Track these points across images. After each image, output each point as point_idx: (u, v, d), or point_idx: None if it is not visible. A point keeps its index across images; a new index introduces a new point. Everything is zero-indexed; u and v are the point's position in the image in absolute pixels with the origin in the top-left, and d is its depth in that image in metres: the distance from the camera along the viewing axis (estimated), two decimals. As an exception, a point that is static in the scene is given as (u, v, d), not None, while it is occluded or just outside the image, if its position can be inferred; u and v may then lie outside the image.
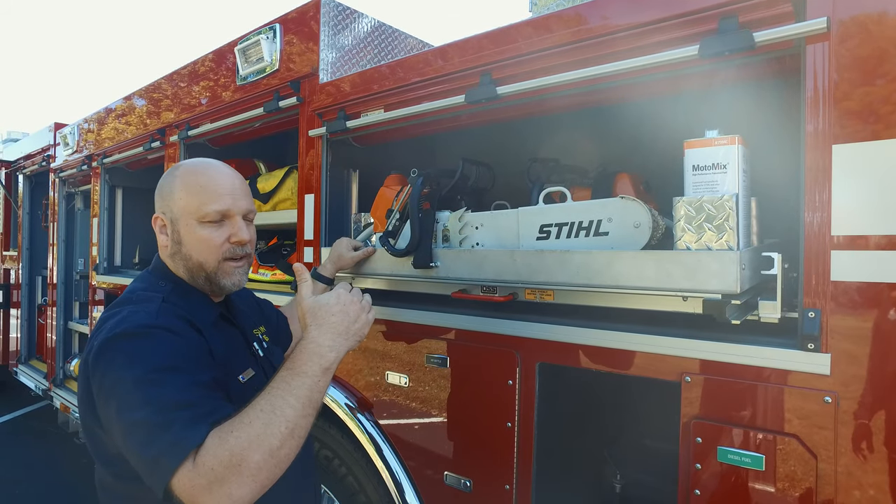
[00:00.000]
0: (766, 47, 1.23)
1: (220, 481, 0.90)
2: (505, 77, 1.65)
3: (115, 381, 1.00)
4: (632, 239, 1.37)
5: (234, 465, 0.91)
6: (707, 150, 1.26)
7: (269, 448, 0.93)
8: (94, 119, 4.08)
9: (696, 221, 1.22)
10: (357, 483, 2.06)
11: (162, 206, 1.26)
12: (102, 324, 1.11)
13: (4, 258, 5.95)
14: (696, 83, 1.44)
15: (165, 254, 1.28)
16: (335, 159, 2.32)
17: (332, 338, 1.10)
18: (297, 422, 0.98)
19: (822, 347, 1.16)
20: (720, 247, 1.21)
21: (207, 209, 1.22)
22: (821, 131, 1.17)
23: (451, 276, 1.67)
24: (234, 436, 0.93)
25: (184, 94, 3.08)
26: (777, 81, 1.38)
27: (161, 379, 0.99)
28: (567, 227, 1.48)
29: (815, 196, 1.17)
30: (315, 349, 1.07)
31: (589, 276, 1.37)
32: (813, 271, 1.18)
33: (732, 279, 1.15)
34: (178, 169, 1.28)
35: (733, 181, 1.23)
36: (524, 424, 1.61)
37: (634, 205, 1.38)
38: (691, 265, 1.21)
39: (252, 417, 0.96)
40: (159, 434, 0.93)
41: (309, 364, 1.04)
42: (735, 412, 1.25)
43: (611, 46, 1.43)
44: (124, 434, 0.98)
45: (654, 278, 1.26)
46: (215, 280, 1.25)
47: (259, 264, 2.84)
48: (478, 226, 1.68)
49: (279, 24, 2.46)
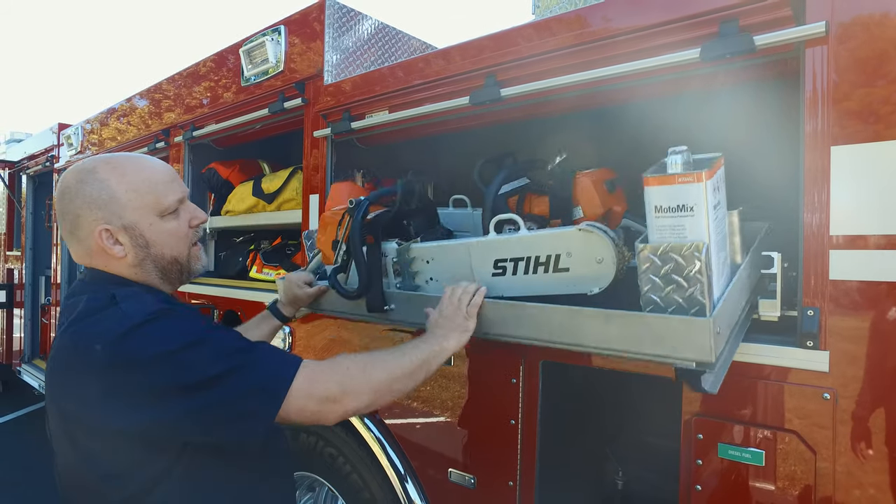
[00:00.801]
0: (766, 51, 1.25)
1: (351, 379, 1.12)
2: (509, 79, 1.67)
3: (165, 355, 0.99)
4: (596, 275, 1.23)
5: (366, 374, 1.14)
6: (669, 189, 1.07)
7: (390, 374, 1.18)
8: (98, 120, 4.10)
9: (662, 272, 1.08)
10: (361, 480, 2.08)
11: (103, 216, 1.12)
12: (84, 330, 1.04)
13: (8, 258, 5.98)
14: (697, 85, 1.46)
15: (124, 264, 1.16)
16: (339, 160, 2.35)
17: (443, 331, 1.32)
18: (414, 368, 1.22)
19: (821, 345, 1.18)
20: (690, 301, 1.06)
21: (167, 201, 1.17)
22: (819, 133, 1.19)
23: (409, 319, 1.54)
24: (369, 356, 1.21)
25: (188, 96, 3.10)
26: (776, 83, 1.40)
27: (214, 336, 1.04)
28: (523, 262, 1.34)
29: (813, 196, 1.19)
30: (434, 334, 1.32)
31: (549, 332, 1.24)
32: (812, 270, 1.20)
33: (705, 348, 1.01)
34: (95, 172, 1.13)
35: (702, 225, 1.05)
36: (527, 422, 1.63)
37: (594, 238, 1.22)
38: (660, 330, 1.06)
39: (385, 352, 1.23)
40: (253, 369, 1.04)
41: (431, 341, 1.29)
42: (736, 409, 1.28)
43: (613, 49, 1.45)
44: (206, 391, 0.99)
45: (619, 340, 1.12)
46: (188, 269, 1.25)
47: (263, 264, 2.86)
48: (428, 260, 1.53)
49: (284, 26, 2.49)
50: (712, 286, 1.07)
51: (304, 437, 2.32)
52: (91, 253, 1.16)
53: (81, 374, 1.02)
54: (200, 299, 2.90)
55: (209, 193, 3.22)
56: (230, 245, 3.22)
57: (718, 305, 1.07)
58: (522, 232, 1.35)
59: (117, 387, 0.99)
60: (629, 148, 1.81)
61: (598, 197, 1.42)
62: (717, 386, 1.09)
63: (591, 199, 1.42)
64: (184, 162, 3.12)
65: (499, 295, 1.39)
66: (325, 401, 1.09)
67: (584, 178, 1.44)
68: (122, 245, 1.14)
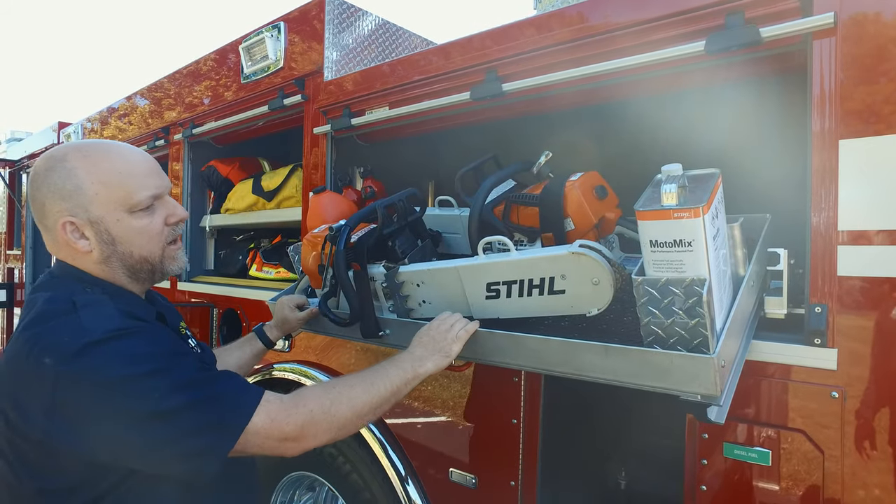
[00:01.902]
0: (773, 43, 1.23)
1: (313, 424, 1.07)
2: (510, 74, 1.65)
3: (120, 381, 0.93)
4: (593, 297, 1.18)
5: (331, 414, 1.09)
6: (665, 224, 1.00)
7: (358, 411, 1.13)
8: (98, 118, 4.09)
9: (662, 304, 1.03)
10: (362, 480, 2.06)
11: (68, 207, 1.05)
12: (38, 338, 0.97)
13: (8, 257, 5.97)
14: (700, 80, 1.44)
15: (90, 260, 1.09)
16: (340, 157, 2.33)
17: (424, 351, 1.27)
18: (381, 401, 1.17)
19: (829, 342, 1.16)
20: (693, 333, 1.01)
21: (139, 197, 1.09)
22: (827, 126, 1.17)
23: (405, 343, 1.43)
24: (336, 391, 1.13)
25: (188, 93, 3.08)
26: (783, 77, 1.38)
27: (177, 363, 0.99)
28: (517, 285, 1.28)
29: (821, 191, 1.17)
30: (412, 354, 1.27)
31: (549, 362, 1.21)
32: (819, 267, 1.18)
33: (710, 383, 0.98)
34: (65, 160, 1.06)
35: (701, 260, 1.00)
36: (529, 421, 1.61)
37: (588, 261, 1.16)
38: (663, 366, 1.03)
39: (355, 383, 1.16)
40: (211, 403, 1.00)
41: (406, 363, 1.24)
42: (742, 408, 1.25)
43: (617, 43, 1.43)
44: (160, 423, 0.94)
45: (620, 372, 1.10)
46: (161, 269, 1.17)
47: (263, 262, 2.85)
48: (419, 283, 1.47)
49: (283, 23, 2.47)
50: (715, 319, 1.04)
51: (303, 436, 2.30)
52: (57, 244, 1.10)
53: (28, 384, 0.96)
54: (200, 297, 2.89)
55: (209, 191, 3.20)
56: (230, 243, 3.20)
57: (722, 337, 1.04)
58: (512, 254, 1.28)
59: (64, 405, 0.92)
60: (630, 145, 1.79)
61: (588, 207, 1.37)
62: (723, 416, 1.05)
63: (581, 211, 1.37)
64: (183, 160, 3.10)
65: (495, 317, 1.36)
66: (284, 440, 1.05)
67: (572, 188, 1.37)
68: (88, 240, 1.07)
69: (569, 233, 1.41)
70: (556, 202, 1.40)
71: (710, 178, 1.08)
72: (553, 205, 1.40)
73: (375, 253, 1.59)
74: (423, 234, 1.75)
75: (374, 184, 2.27)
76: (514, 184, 1.66)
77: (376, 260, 1.58)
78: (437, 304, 1.48)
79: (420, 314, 1.53)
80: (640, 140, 1.75)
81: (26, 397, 0.96)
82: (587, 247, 1.21)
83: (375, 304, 1.57)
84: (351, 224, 1.53)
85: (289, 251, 1.95)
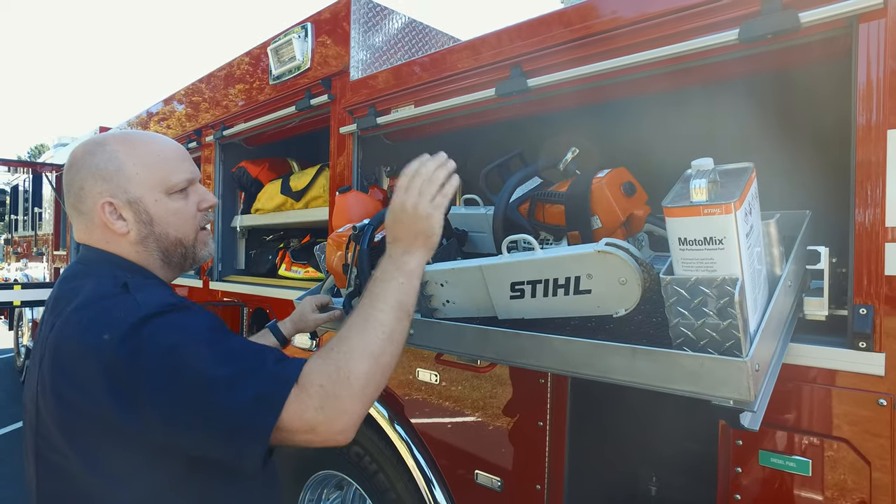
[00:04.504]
0: (813, 28, 1.16)
1: (332, 398, 0.92)
2: (535, 69, 1.62)
3: (170, 349, 0.92)
4: (620, 297, 1.14)
5: (343, 379, 0.94)
6: (694, 220, 0.95)
7: (371, 355, 0.97)
8: (136, 122, 4.21)
9: (692, 305, 0.98)
10: (388, 480, 2.06)
11: (108, 188, 1.07)
12: (96, 316, 0.97)
13: (55, 258, 6.23)
14: (735, 71, 1.37)
15: (127, 241, 1.11)
16: (366, 156, 2.33)
17: (402, 246, 1.11)
18: (392, 326, 1.02)
19: (876, 346, 1.09)
20: (724, 335, 0.96)
21: (176, 179, 1.12)
22: (874, 116, 1.10)
23: (429, 344, 1.48)
24: (335, 351, 0.97)
25: (219, 96, 3.14)
26: (823, 65, 1.30)
27: (225, 336, 0.98)
28: (541, 284, 1.24)
29: (867, 186, 1.10)
30: (391, 257, 1.11)
31: (574, 363, 1.17)
32: (865, 266, 1.11)
33: (743, 388, 0.93)
34: (105, 145, 1.09)
35: (734, 258, 0.95)
36: (556, 424, 1.57)
37: (615, 260, 1.11)
38: (693, 370, 0.98)
39: (349, 331, 1.00)
40: (253, 377, 0.93)
41: (390, 271, 1.08)
42: (779, 414, 1.19)
43: (645, 34, 1.38)
44: (202, 393, 0.91)
45: (649, 375, 1.04)
46: (193, 253, 1.18)
47: (292, 262, 2.88)
48: (442, 283, 1.43)
49: (311, 24, 2.49)
50: (748, 321, 0.98)
51: (331, 434, 2.31)
52: (92, 228, 1.10)
53: (87, 360, 0.94)
54: (231, 297, 2.94)
55: (240, 192, 3.26)
56: (261, 243, 3.25)
57: (756, 340, 0.98)
58: (536, 253, 1.24)
59: (124, 380, 0.92)
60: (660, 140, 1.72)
61: (615, 204, 1.31)
62: (758, 422, 0.99)
63: (608, 208, 1.32)
64: (215, 161, 3.17)
65: (520, 317, 1.32)
66: (307, 432, 0.93)
67: (599, 186, 1.32)
68: (126, 221, 1.09)
69: (596, 231, 1.37)
70: (583, 200, 1.36)
71: (744, 172, 1.02)
72: (579, 202, 1.36)
73: None
74: (447, 232, 1.74)
75: (400, 183, 2.26)
76: (540, 181, 1.63)
77: None
78: (461, 304, 1.46)
79: (444, 314, 1.51)
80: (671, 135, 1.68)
81: (85, 375, 0.95)
82: (614, 245, 1.16)
83: None
84: (375, 223, 1.52)
85: (315, 250, 1.96)
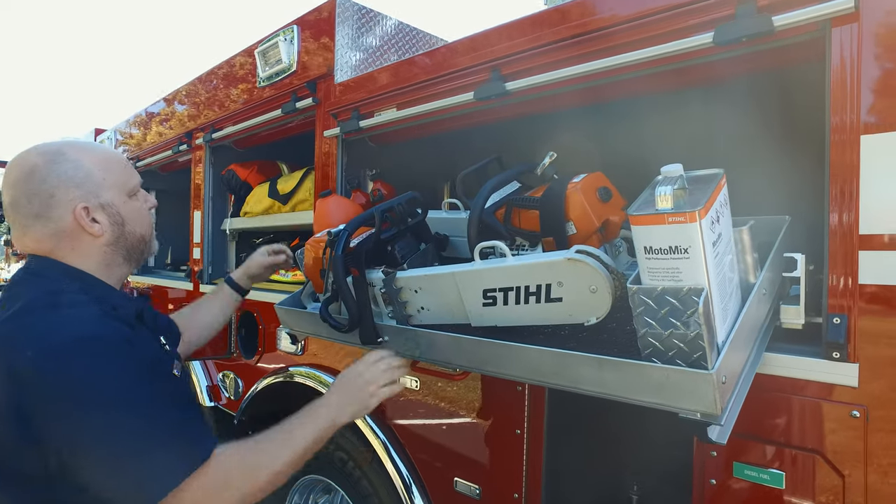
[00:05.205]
0: (787, 32, 1.14)
1: (232, 488, 1.06)
2: (514, 72, 1.60)
3: (87, 392, 0.96)
4: (591, 306, 1.13)
5: (251, 478, 1.09)
6: (659, 229, 0.94)
7: (275, 471, 1.12)
8: (131, 124, 4.21)
9: (659, 315, 0.97)
10: (371, 486, 2.04)
11: (80, 194, 1.12)
12: (24, 330, 1.01)
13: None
14: (709, 75, 1.35)
15: (99, 243, 1.16)
16: (351, 160, 2.31)
17: (341, 399, 1.29)
18: (300, 456, 1.16)
19: (850, 356, 1.07)
20: (692, 346, 0.94)
21: (133, 181, 1.24)
22: (848, 120, 1.07)
23: (404, 351, 1.47)
24: (252, 454, 1.12)
25: (208, 98, 3.14)
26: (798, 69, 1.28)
27: (143, 393, 1.01)
28: (513, 291, 1.23)
29: (840, 191, 1.08)
30: (327, 404, 1.27)
31: (543, 373, 1.16)
32: (838, 273, 1.08)
33: (709, 401, 0.92)
34: (65, 154, 1.13)
35: (699, 268, 0.93)
36: (533, 431, 1.55)
37: (585, 268, 1.10)
38: (659, 381, 0.96)
39: (269, 444, 1.15)
40: (160, 447, 1.00)
41: (323, 417, 1.23)
42: (753, 425, 1.17)
43: (620, 38, 1.36)
44: (107, 449, 0.96)
45: (616, 386, 1.04)
46: (150, 248, 1.30)
47: (280, 265, 2.86)
48: (416, 289, 1.43)
49: (297, 26, 2.47)
50: (714, 331, 0.96)
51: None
52: (59, 234, 1.12)
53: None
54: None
55: (229, 195, 3.24)
56: (251, 246, 3.24)
57: (724, 351, 0.95)
58: (507, 260, 1.24)
59: (16, 399, 0.96)
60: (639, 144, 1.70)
61: (590, 210, 1.30)
62: (725, 435, 0.97)
63: (583, 214, 1.30)
64: (205, 164, 3.16)
65: (493, 325, 1.30)
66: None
67: (574, 191, 1.31)
68: (100, 223, 1.15)
69: (570, 237, 1.34)
70: (557, 205, 1.34)
71: (712, 179, 1.00)
72: (554, 208, 1.34)
73: (375, 258, 1.56)
74: (426, 237, 1.72)
75: (383, 186, 2.24)
76: (518, 185, 1.61)
77: (376, 265, 1.55)
78: (435, 311, 1.44)
79: (419, 321, 1.49)
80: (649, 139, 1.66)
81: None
82: (584, 252, 1.15)
83: (375, 310, 1.54)
84: (350, 229, 1.51)
85: (296, 255, 1.95)
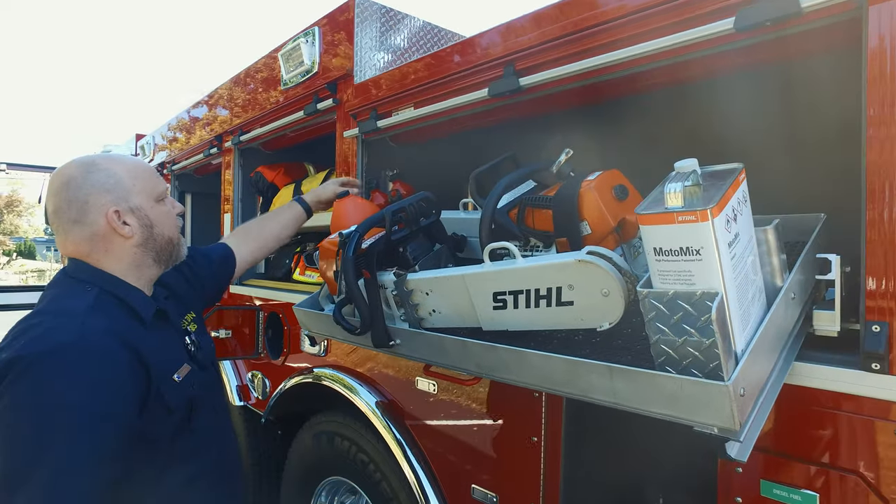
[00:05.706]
0: (816, 13, 1.04)
1: None
2: (528, 67, 1.54)
3: (14, 407, 1.03)
4: (603, 310, 1.07)
5: None
6: (669, 229, 0.88)
7: None
8: (167, 129, 4.34)
9: (672, 321, 0.90)
10: (391, 489, 2.03)
11: (111, 199, 1.22)
12: (16, 329, 1.11)
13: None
14: (731, 64, 1.26)
15: (130, 244, 1.25)
16: (371, 160, 2.30)
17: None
18: None
19: (892, 369, 0.97)
20: (708, 354, 0.87)
21: (161, 187, 1.33)
22: (887, 109, 0.97)
23: (415, 354, 1.45)
24: None
25: (237, 101, 3.19)
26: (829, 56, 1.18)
27: (62, 422, 1.03)
28: (523, 295, 1.19)
29: (881, 186, 0.98)
30: None
31: (553, 381, 1.11)
32: (879, 276, 0.98)
33: (726, 415, 0.85)
34: (97, 164, 1.24)
35: (713, 270, 0.86)
36: (551, 439, 1.49)
37: (597, 270, 1.05)
38: (672, 392, 0.89)
39: None
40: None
41: None
42: (782, 440, 1.08)
43: (635, 28, 1.28)
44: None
45: (627, 396, 0.97)
46: (177, 252, 1.37)
47: (306, 266, 2.88)
48: (427, 291, 1.40)
49: (318, 28, 2.47)
50: (731, 338, 0.88)
51: (338, 441, 2.30)
52: (94, 237, 1.23)
53: None
54: (248, 301, 2.97)
55: (258, 196, 3.29)
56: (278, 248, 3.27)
57: (743, 360, 0.88)
58: (517, 262, 1.19)
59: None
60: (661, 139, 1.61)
61: (605, 209, 1.24)
62: (746, 453, 0.90)
63: (598, 214, 1.25)
64: (234, 166, 3.21)
65: (503, 329, 1.26)
66: None
67: (588, 189, 1.25)
68: (130, 225, 1.25)
69: (585, 237, 1.28)
70: (570, 204, 1.27)
71: (730, 174, 0.93)
72: (567, 207, 1.28)
73: (388, 259, 1.54)
74: (441, 238, 1.68)
75: (402, 187, 2.22)
76: (534, 184, 1.55)
77: (389, 266, 1.52)
78: (447, 314, 1.40)
79: (431, 324, 1.46)
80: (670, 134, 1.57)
81: None
82: (595, 254, 1.09)
83: (388, 313, 1.51)
84: (361, 230, 1.48)
85: (314, 256, 1.95)
